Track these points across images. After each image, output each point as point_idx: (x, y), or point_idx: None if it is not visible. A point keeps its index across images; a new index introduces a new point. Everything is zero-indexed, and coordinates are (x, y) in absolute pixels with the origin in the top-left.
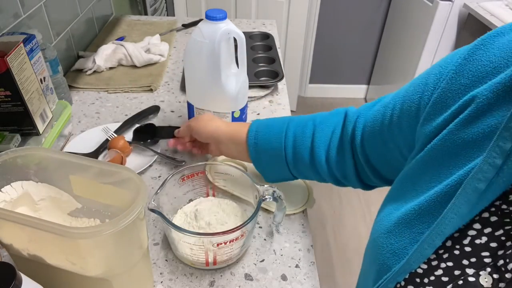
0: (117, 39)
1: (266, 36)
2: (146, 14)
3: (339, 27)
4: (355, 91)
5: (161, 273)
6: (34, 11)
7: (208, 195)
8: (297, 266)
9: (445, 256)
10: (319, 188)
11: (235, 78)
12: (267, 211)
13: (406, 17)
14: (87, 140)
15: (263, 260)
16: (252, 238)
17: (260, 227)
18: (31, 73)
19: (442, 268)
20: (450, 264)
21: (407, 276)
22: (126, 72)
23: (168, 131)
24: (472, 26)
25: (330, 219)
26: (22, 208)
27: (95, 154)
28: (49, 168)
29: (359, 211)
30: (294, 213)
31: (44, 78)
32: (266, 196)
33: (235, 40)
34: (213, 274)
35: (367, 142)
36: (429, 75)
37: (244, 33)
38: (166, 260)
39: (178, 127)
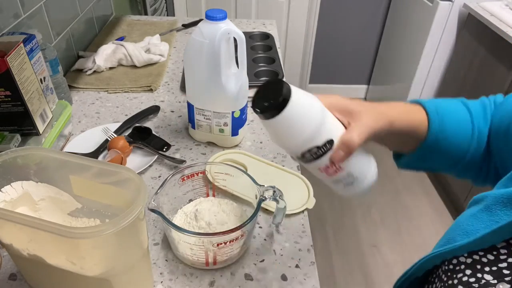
0: (117, 39)
1: (266, 36)
2: (146, 14)
3: (339, 27)
4: (355, 91)
5: (161, 273)
6: (34, 11)
7: (208, 195)
8: (297, 266)
9: None
10: (319, 188)
11: (235, 78)
12: (267, 211)
13: (406, 17)
14: (87, 140)
15: (263, 260)
16: (252, 238)
17: (260, 227)
18: (31, 73)
19: (508, 262)
20: None
21: (469, 262)
22: (126, 72)
23: (161, 143)
24: (472, 26)
25: (330, 219)
26: (22, 208)
27: (95, 154)
28: (49, 168)
29: (359, 211)
30: (294, 213)
31: (44, 78)
32: (266, 196)
33: (235, 40)
34: (213, 274)
35: (494, 140)
36: None
37: (244, 33)
38: (166, 260)
39: (169, 144)
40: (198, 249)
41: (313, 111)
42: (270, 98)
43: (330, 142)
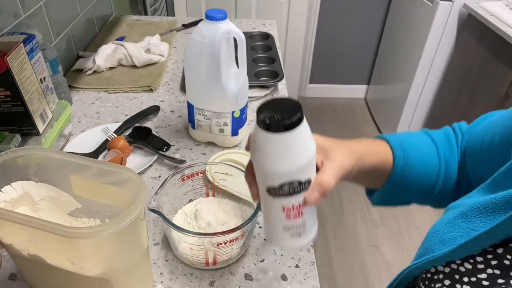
0: (117, 39)
1: (266, 36)
2: (146, 14)
3: (339, 27)
4: (355, 91)
5: (161, 273)
6: (34, 11)
7: (208, 195)
8: (297, 266)
9: (494, 262)
10: None
11: (235, 78)
12: None
13: (406, 17)
14: (87, 140)
15: (263, 260)
16: (252, 238)
17: (260, 227)
18: (31, 73)
19: (487, 273)
20: (497, 272)
21: (447, 271)
22: (126, 72)
23: (161, 143)
24: (472, 26)
25: (330, 219)
26: (22, 208)
27: (95, 154)
28: (49, 168)
29: (359, 211)
30: None
31: (44, 78)
32: None
33: (235, 40)
34: (213, 274)
35: (468, 161)
36: None
37: (244, 33)
38: (166, 260)
39: (169, 144)
40: (198, 249)
41: (312, 141)
42: (283, 112)
43: (309, 181)
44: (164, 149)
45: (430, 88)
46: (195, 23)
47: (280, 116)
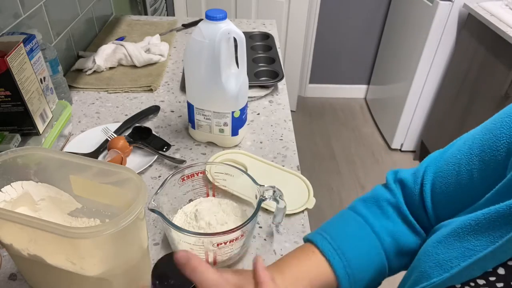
0: (117, 39)
1: (266, 36)
2: (146, 14)
3: (339, 27)
4: (355, 91)
5: None
6: (34, 11)
7: (208, 195)
8: None
9: (499, 285)
10: (319, 188)
11: (235, 78)
12: (267, 211)
13: (406, 17)
14: (87, 140)
15: (263, 260)
16: (252, 238)
17: (260, 227)
18: (31, 73)
19: None
20: None
21: None
22: (126, 72)
23: (161, 143)
24: (472, 26)
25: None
26: (22, 208)
27: (95, 154)
28: (49, 168)
29: None
30: (294, 213)
31: (44, 78)
32: (266, 196)
33: (235, 40)
34: None
35: (440, 204)
36: None
37: (244, 33)
38: None
39: (169, 144)
40: (198, 249)
41: None
42: (175, 277)
43: None
44: (164, 149)
45: (430, 88)
46: (195, 23)
47: None
